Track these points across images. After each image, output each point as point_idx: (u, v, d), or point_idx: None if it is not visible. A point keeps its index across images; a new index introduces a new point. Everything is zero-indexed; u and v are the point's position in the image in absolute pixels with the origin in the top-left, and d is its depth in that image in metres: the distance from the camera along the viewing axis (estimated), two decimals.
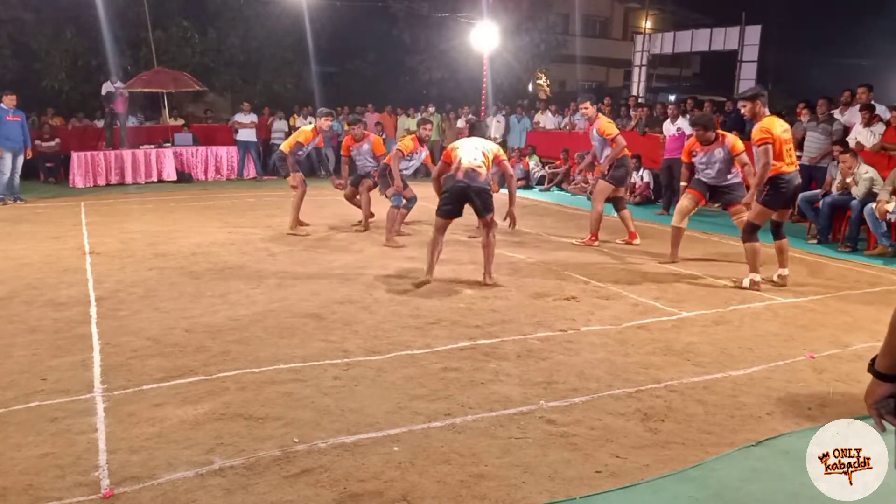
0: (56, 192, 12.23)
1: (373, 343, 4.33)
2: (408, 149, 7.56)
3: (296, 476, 2.75)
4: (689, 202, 6.77)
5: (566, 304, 5.31)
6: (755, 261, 5.82)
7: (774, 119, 5.69)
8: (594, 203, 7.88)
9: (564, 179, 13.39)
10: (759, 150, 5.49)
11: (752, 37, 15.16)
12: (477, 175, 5.68)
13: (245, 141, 14.73)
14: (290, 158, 8.16)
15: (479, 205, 5.72)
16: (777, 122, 5.64)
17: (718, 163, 6.57)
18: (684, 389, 3.70)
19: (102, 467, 2.79)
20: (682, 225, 6.85)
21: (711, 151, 6.61)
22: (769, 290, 5.81)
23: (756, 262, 5.82)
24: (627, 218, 7.92)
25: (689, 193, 6.79)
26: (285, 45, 18.16)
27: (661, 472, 2.84)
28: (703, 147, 6.65)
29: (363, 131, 8.30)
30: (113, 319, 4.77)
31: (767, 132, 5.48)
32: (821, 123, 9.24)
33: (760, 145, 5.47)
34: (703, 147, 6.65)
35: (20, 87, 12.29)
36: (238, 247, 7.38)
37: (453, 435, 3.12)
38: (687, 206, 6.77)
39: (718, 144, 6.57)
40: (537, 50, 20.50)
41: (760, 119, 5.62)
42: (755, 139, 5.53)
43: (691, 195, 6.77)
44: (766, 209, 5.72)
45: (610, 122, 7.81)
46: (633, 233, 7.91)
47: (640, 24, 26.44)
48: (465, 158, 5.74)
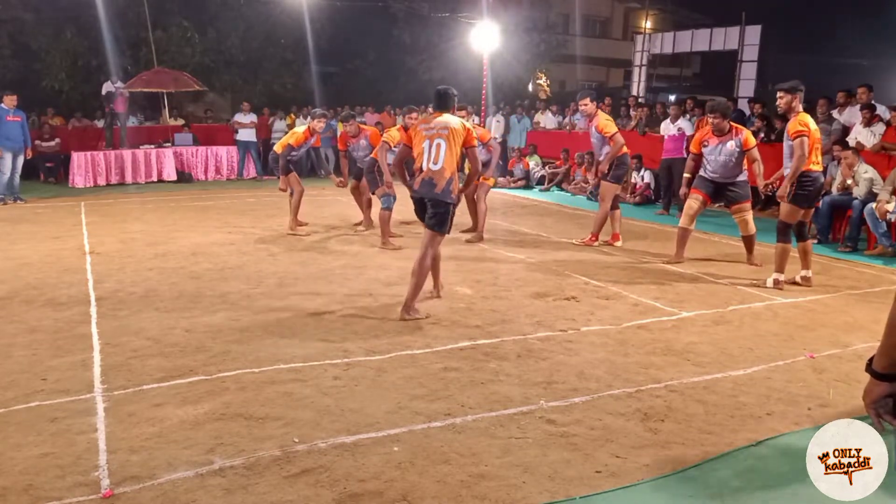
0: (56, 192, 12.23)
1: (373, 343, 4.33)
2: (394, 140, 7.28)
3: (296, 476, 2.75)
4: (695, 203, 6.71)
5: (566, 304, 5.31)
6: (783, 261, 5.80)
7: (809, 115, 5.66)
8: (602, 204, 7.79)
9: (564, 179, 13.39)
10: (795, 143, 5.48)
11: (752, 37, 15.15)
12: (433, 185, 4.81)
13: (245, 141, 14.74)
14: (282, 160, 8.13)
15: (431, 218, 4.87)
16: (812, 120, 5.62)
17: (728, 156, 6.49)
18: (684, 389, 3.70)
19: (102, 467, 2.79)
20: (689, 226, 6.79)
21: (724, 143, 6.52)
22: (770, 290, 5.80)
23: (784, 262, 5.80)
24: (616, 218, 7.83)
25: (695, 194, 6.73)
26: (285, 45, 18.16)
27: (661, 472, 2.84)
28: (717, 138, 6.56)
29: (358, 127, 8.25)
30: (113, 319, 4.77)
31: (805, 125, 5.47)
32: (820, 123, 9.24)
33: (797, 137, 5.45)
34: (715, 137, 6.57)
35: (20, 87, 12.29)
36: (238, 247, 7.38)
37: (453, 435, 3.12)
38: (694, 207, 6.71)
39: (731, 137, 6.50)
40: (537, 50, 20.50)
41: (795, 113, 5.58)
42: (791, 131, 5.50)
43: (697, 196, 6.71)
44: (795, 207, 5.67)
45: (609, 120, 7.69)
46: (617, 234, 7.79)
47: (640, 24, 26.44)
48: (425, 161, 4.87)
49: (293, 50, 18.23)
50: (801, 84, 5.67)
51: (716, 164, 6.59)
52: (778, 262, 5.83)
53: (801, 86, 5.67)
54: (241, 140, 14.73)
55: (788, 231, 5.77)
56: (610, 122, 7.66)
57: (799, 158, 5.47)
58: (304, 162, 13.34)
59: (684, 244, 6.86)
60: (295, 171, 8.39)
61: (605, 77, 30.23)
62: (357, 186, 8.54)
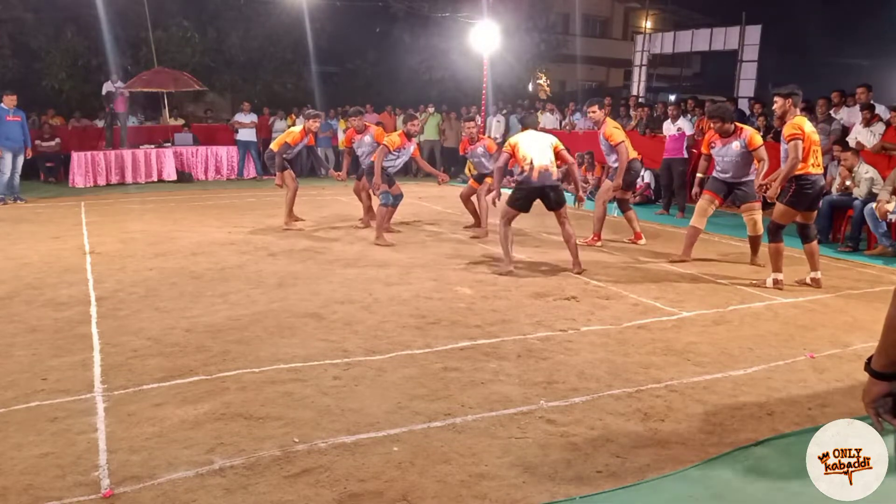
0: (56, 192, 12.24)
1: (373, 343, 4.33)
2: (394, 145, 7.56)
3: (296, 476, 2.75)
4: (706, 203, 6.71)
5: (566, 304, 5.31)
6: (778, 260, 5.80)
7: (805, 119, 5.67)
8: (597, 203, 7.84)
9: (565, 179, 13.36)
10: (788, 146, 5.50)
11: (752, 37, 15.14)
12: (550, 175, 6.13)
13: (245, 141, 14.75)
14: (278, 158, 8.34)
15: (553, 200, 6.20)
16: (808, 122, 5.63)
17: (735, 157, 6.49)
18: (684, 389, 3.70)
19: (102, 467, 2.79)
20: (700, 226, 6.78)
21: (729, 143, 6.53)
22: (770, 290, 5.80)
23: (779, 261, 5.80)
24: (633, 219, 7.92)
25: (706, 195, 6.72)
26: (285, 45, 18.15)
27: (661, 472, 2.84)
28: (722, 139, 6.57)
29: (364, 123, 8.37)
30: (113, 319, 4.77)
31: (799, 128, 5.48)
32: (820, 123, 9.24)
33: (790, 141, 5.48)
34: (721, 139, 6.58)
35: (20, 86, 12.29)
36: (238, 247, 7.38)
37: (453, 435, 3.12)
38: (705, 206, 6.71)
39: (736, 137, 6.51)
40: (537, 50, 20.49)
41: (791, 118, 5.60)
42: (786, 135, 5.54)
43: (708, 196, 6.71)
44: (790, 209, 5.68)
45: (617, 128, 7.67)
46: (639, 233, 7.89)
47: (640, 23, 26.44)
48: (538, 160, 6.08)
49: (293, 50, 18.22)
50: (797, 88, 5.69)
51: (725, 164, 6.61)
52: (773, 262, 5.84)
53: (798, 90, 5.70)
54: (241, 140, 14.74)
55: (780, 232, 5.78)
56: (618, 129, 7.64)
57: (791, 161, 5.49)
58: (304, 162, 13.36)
59: (692, 243, 6.85)
60: (290, 169, 8.49)
61: (605, 77, 30.23)
62: (358, 186, 8.61)
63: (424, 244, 7.68)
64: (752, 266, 6.72)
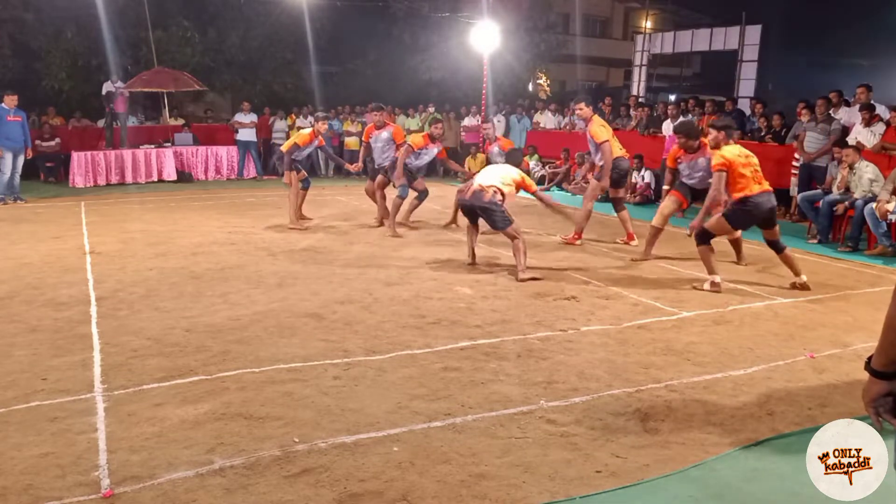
0: (56, 192, 12.23)
1: (373, 343, 4.33)
2: (418, 145, 8.06)
3: (296, 476, 2.75)
4: (671, 204, 6.90)
5: (566, 304, 5.31)
6: (710, 263, 5.85)
7: (735, 146, 5.84)
8: (584, 202, 7.90)
9: (564, 179, 13.39)
10: (714, 177, 5.72)
11: (752, 37, 15.14)
12: (482, 194, 6.17)
13: (245, 141, 14.74)
14: (287, 158, 8.51)
15: (488, 222, 6.30)
16: (735, 149, 5.77)
17: (702, 171, 6.66)
18: (684, 389, 3.70)
19: (102, 467, 2.79)
20: (660, 225, 6.92)
21: (695, 160, 6.73)
22: (770, 290, 5.81)
23: (711, 264, 5.85)
24: (626, 219, 7.89)
25: (673, 195, 6.93)
26: (285, 45, 18.13)
27: (661, 472, 2.84)
28: (687, 155, 6.77)
29: (384, 119, 8.51)
30: (113, 319, 4.77)
31: (723, 157, 5.66)
32: (820, 123, 9.25)
33: (716, 171, 5.69)
34: (687, 155, 6.78)
35: (20, 86, 12.27)
36: (238, 247, 7.38)
37: (453, 435, 3.12)
38: (669, 207, 6.90)
39: (702, 154, 6.65)
40: (537, 50, 20.47)
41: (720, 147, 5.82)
42: (713, 165, 5.77)
43: (674, 197, 6.91)
44: (724, 223, 5.81)
45: (602, 126, 7.59)
46: (631, 234, 7.87)
47: (640, 23, 26.43)
48: (479, 179, 6.34)
49: (293, 50, 18.20)
50: (734, 123, 6.06)
51: (694, 176, 6.80)
52: (706, 265, 5.88)
53: (734, 124, 6.05)
54: (241, 140, 14.72)
55: (708, 238, 5.82)
56: (603, 128, 7.58)
57: (711, 192, 5.74)
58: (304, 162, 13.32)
59: (653, 242, 7.00)
60: (297, 170, 8.56)
61: (606, 77, 30.23)
62: (372, 189, 8.73)
63: (424, 244, 7.68)
64: (746, 267, 6.74)
